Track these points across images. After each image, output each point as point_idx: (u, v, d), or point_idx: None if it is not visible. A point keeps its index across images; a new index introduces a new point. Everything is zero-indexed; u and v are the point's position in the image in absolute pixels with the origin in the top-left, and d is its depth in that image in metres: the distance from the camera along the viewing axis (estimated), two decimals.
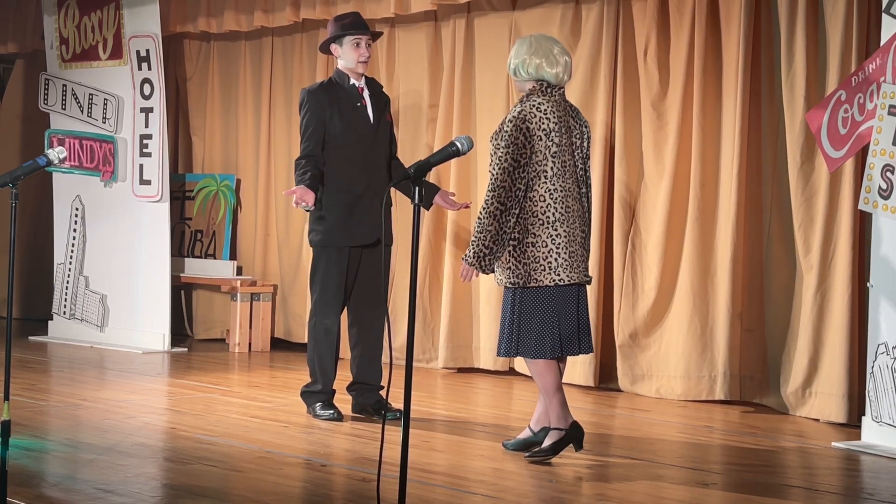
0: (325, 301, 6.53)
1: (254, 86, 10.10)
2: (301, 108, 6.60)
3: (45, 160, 4.85)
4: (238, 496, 4.79)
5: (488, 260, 5.47)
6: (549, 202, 5.48)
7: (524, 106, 5.55)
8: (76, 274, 9.85)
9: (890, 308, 6.05)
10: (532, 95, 5.59)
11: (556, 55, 5.61)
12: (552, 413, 5.59)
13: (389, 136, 6.69)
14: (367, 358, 6.61)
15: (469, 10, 8.68)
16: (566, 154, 5.56)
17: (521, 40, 5.72)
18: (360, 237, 6.51)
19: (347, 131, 6.50)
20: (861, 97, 6.18)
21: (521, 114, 5.51)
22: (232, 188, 10.10)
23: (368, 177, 6.50)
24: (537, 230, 5.47)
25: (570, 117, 5.65)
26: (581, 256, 5.57)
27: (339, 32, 6.58)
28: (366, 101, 6.60)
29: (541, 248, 5.47)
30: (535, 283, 5.48)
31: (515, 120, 5.50)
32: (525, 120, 5.49)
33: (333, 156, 6.51)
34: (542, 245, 5.47)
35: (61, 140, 9.88)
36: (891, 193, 5.98)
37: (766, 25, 7.32)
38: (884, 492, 5.26)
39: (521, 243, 5.48)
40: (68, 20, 9.91)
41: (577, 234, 5.56)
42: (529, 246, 5.48)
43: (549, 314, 5.52)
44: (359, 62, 6.56)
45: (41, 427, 6.11)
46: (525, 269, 5.47)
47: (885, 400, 6.03)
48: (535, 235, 5.47)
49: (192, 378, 8.06)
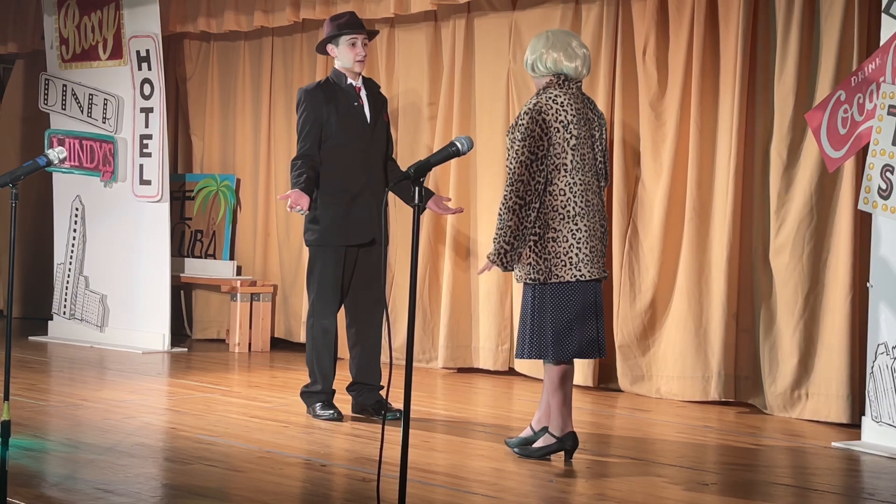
0: (323, 301, 6.54)
1: (253, 86, 10.11)
2: (298, 108, 6.61)
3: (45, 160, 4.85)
4: (238, 496, 4.80)
5: (510, 256, 5.38)
6: (569, 196, 5.39)
7: (540, 98, 5.44)
8: (76, 274, 9.85)
9: (890, 308, 6.05)
10: (549, 88, 5.48)
11: (575, 48, 5.53)
12: (553, 418, 5.55)
13: (386, 135, 6.70)
14: (366, 357, 6.61)
15: (469, 10, 8.68)
16: (585, 147, 5.48)
17: (538, 36, 5.63)
18: (355, 236, 6.51)
19: (344, 131, 6.51)
20: (861, 97, 6.18)
21: (536, 105, 5.41)
22: (232, 188, 10.11)
23: (365, 176, 6.50)
24: (558, 225, 5.37)
25: (588, 109, 5.56)
26: (600, 252, 5.51)
27: (334, 32, 6.59)
28: (363, 100, 6.61)
29: (562, 244, 5.37)
30: (555, 278, 5.38)
31: (531, 112, 5.39)
32: (541, 112, 5.38)
33: (330, 155, 6.51)
34: (563, 240, 5.37)
35: (61, 140, 9.89)
36: (890, 193, 5.98)
37: (763, 26, 7.32)
38: (884, 492, 5.26)
39: (542, 238, 5.38)
40: (68, 20, 9.92)
41: (597, 228, 5.48)
42: (550, 241, 5.38)
43: (570, 312, 5.42)
44: (356, 61, 6.57)
45: (41, 427, 6.11)
46: (546, 265, 5.38)
47: (885, 400, 6.03)
48: (555, 230, 5.37)
49: (192, 378, 8.06)
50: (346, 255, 6.52)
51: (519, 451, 5.66)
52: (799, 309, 6.98)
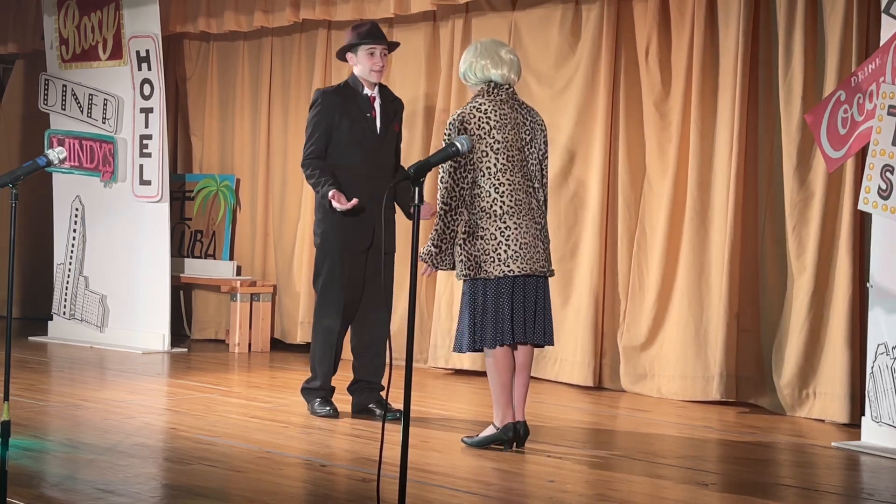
0: (327, 301, 6.62)
1: (253, 86, 10.10)
2: (312, 108, 6.68)
3: (45, 160, 4.85)
4: (238, 496, 4.79)
5: (438, 257, 5.67)
6: (495, 196, 5.64)
7: (465, 108, 5.74)
8: (76, 274, 9.85)
9: (890, 308, 6.04)
10: (477, 97, 5.78)
11: (503, 55, 5.79)
12: (495, 408, 5.77)
13: (395, 146, 6.76)
14: (368, 356, 6.67)
15: (468, 11, 8.68)
16: (513, 150, 5.71)
17: (469, 47, 5.94)
18: (357, 243, 6.58)
19: (353, 141, 6.59)
20: (861, 97, 6.17)
21: (460, 115, 5.71)
22: (232, 188, 10.10)
23: (370, 186, 6.55)
24: (485, 223, 5.63)
25: (519, 114, 5.79)
26: (536, 248, 5.70)
27: (354, 41, 6.66)
28: (375, 111, 6.68)
29: (489, 241, 5.63)
30: (485, 273, 5.64)
31: (454, 122, 5.70)
32: (463, 121, 5.68)
33: (336, 162, 6.59)
34: (490, 238, 5.63)
35: (61, 140, 9.88)
36: (890, 193, 5.98)
37: (764, 25, 7.32)
38: (884, 492, 5.26)
39: (472, 236, 5.65)
40: (68, 20, 9.91)
41: (530, 226, 5.69)
42: (479, 239, 5.64)
43: (500, 303, 5.66)
44: (372, 71, 6.63)
45: (41, 427, 6.11)
46: (475, 262, 5.64)
47: (885, 400, 6.03)
48: (483, 229, 5.63)
49: (191, 378, 8.06)
50: (352, 259, 6.58)
51: (465, 439, 5.89)
52: (804, 309, 6.97)
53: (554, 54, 8.21)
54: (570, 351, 7.96)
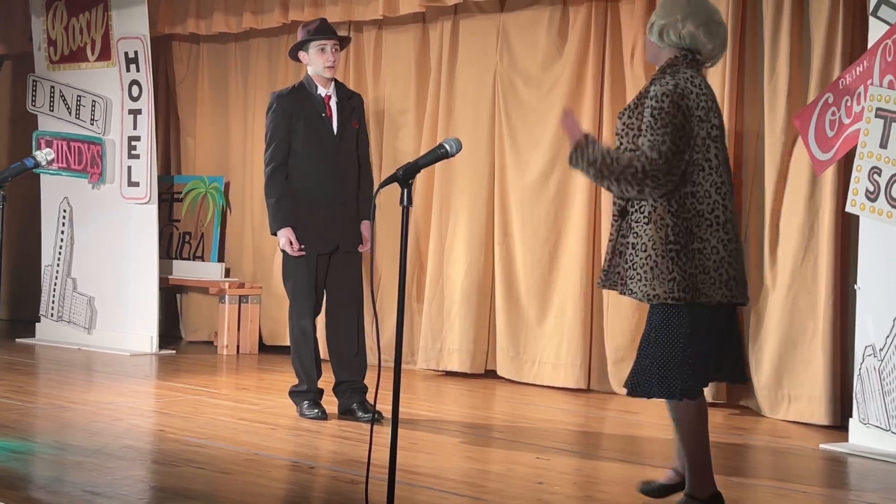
0: (298, 304, 6.64)
1: (243, 88, 10.09)
2: (268, 113, 6.69)
3: (33, 162, 4.85)
4: (226, 498, 4.79)
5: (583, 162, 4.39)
6: (716, 199, 4.38)
7: (676, 78, 4.37)
8: (64, 276, 9.83)
9: (877, 310, 6.05)
10: (678, 66, 4.44)
11: (718, 23, 4.50)
12: (692, 474, 4.55)
13: (357, 143, 6.72)
14: (346, 356, 6.65)
15: (456, 12, 8.68)
16: (723, 141, 4.47)
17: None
18: (320, 245, 6.58)
19: (310, 144, 6.58)
20: (848, 100, 6.19)
21: (675, 85, 4.33)
22: (220, 190, 10.09)
23: (331, 188, 6.56)
24: (705, 233, 4.35)
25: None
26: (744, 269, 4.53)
27: (304, 38, 6.64)
28: (331, 110, 6.65)
29: (711, 256, 4.34)
30: (705, 297, 4.35)
31: (672, 94, 4.31)
32: (683, 95, 4.32)
33: (296, 165, 6.60)
34: (712, 251, 4.34)
35: (49, 142, 9.86)
36: (878, 196, 5.99)
37: (751, 27, 7.33)
38: (871, 493, 5.28)
39: (686, 249, 4.33)
40: (56, 21, 9.89)
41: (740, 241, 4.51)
42: (697, 252, 4.33)
43: (711, 337, 4.43)
44: (325, 67, 6.61)
45: (28, 429, 6.09)
46: (692, 282, 4.32)
47: (872, 402, 6.04)
48: (702, 240, 4.34)
49: (179, 380, 8.05)
50: (318, 261, 6.58)
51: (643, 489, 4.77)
52: (784, 311, 6.98)
53: (541, 56, 8.22)
54: (559, 354, 7.96)
